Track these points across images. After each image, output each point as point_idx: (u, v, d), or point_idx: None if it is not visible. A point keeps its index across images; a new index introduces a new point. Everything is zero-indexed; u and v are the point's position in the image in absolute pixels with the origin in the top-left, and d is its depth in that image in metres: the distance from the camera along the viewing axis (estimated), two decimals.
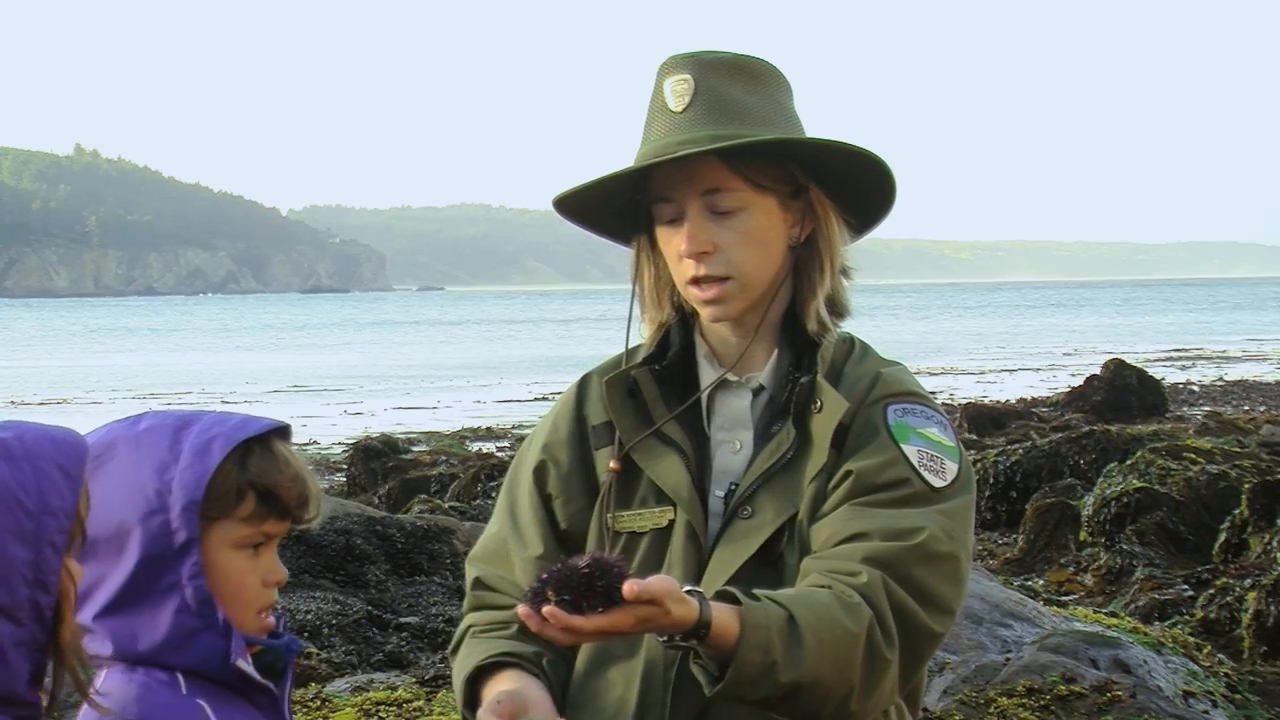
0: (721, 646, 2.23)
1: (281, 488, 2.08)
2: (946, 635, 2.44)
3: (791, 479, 2.47)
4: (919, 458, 2.44)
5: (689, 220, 2.49)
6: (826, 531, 2.40)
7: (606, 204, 2.58)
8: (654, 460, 2.52)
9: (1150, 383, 20.23)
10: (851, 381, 2.52)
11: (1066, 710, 5.54)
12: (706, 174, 2.48)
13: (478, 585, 2.62)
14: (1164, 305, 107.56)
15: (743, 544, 2.45)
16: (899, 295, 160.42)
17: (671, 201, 2.50)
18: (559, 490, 2.58)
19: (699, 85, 2.49)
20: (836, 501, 2.43)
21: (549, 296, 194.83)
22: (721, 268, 2.49)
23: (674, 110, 2.50)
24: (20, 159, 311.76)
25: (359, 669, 6.83)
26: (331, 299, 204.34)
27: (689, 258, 2.49)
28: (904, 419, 2.48)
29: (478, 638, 2.57)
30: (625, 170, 2.50)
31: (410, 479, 14.15)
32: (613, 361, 2.65)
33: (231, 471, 2.06)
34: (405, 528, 8.64)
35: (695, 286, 2.50)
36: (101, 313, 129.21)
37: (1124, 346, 45.83)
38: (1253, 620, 7.55)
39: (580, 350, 49.92)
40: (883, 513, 2.38)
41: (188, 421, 2.09)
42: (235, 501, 2.06)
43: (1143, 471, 10.06)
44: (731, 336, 2.56)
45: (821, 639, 2.26)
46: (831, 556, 2.37)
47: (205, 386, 35.75)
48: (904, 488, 2.42)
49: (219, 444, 2.05)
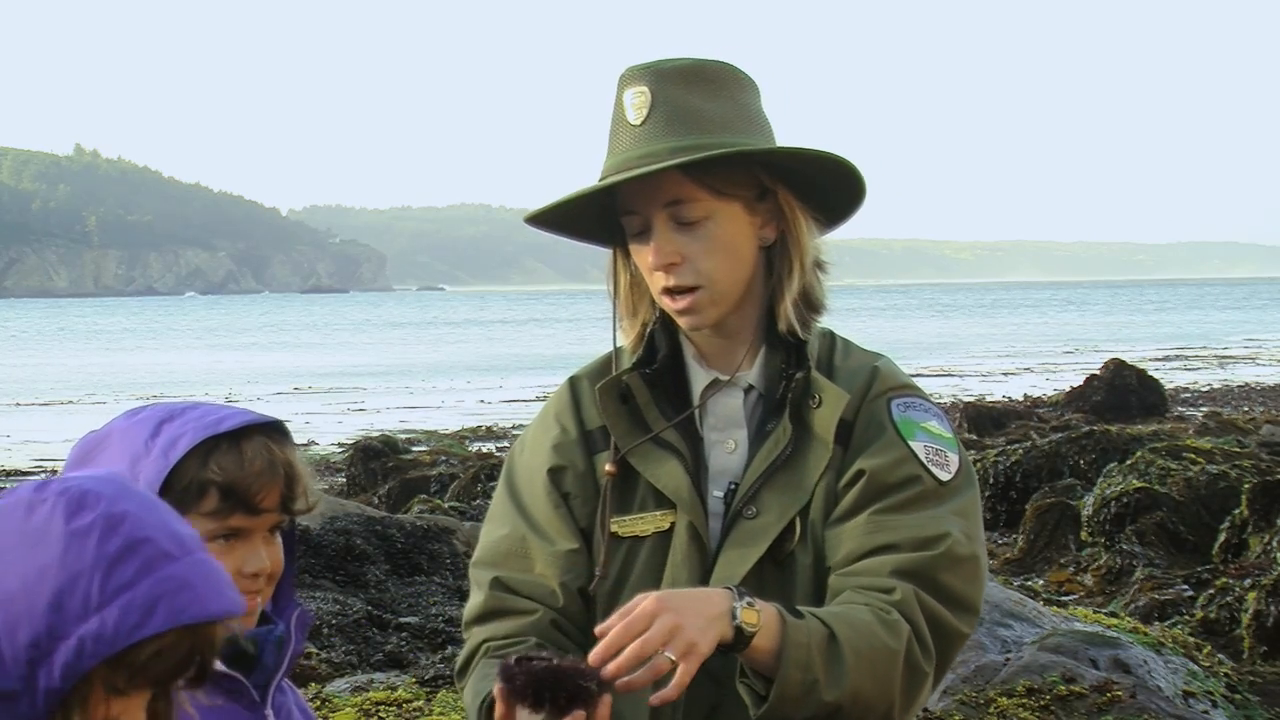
0: (769, 662, 2.26)
1: (244, 483, 2.08)
2: (972, 633, 2.48)
3: (793, 476, 2.47)
4: (925, 453, 2.46)
5: (655, 233, 2.49)
6: (851, 544, 2.41)
7: (581, 214, 2.58)
8: (652, 464, 2.51)
9: (1150, 383, 20.24)
10: (846, 375, 2.53)
11: (1066, 710, 5.54)
12: (669, 187, 2.47)
13: (497, 586, 2.55)
14: (1164, 305, 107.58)
15: (750, 545, 2.45)
16: (899, 295, 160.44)
17: (637, 214, 2.50)
18: (577, 489, 2.56)
19: (656, 96, 2.49)
20: (852, 504, 2.44)
21: (549, 296, 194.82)
22: (690, 277, 2.48)
23: (633, 124, 2.49)
24: (20, 159, 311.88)
25: (359, 669, 6.83)
26: (332, 299, 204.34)
27: (657, 270, 2.50)
28: (907, 414, 2.49)
29: (493, 658, 2.49)
30: (588, 189, 2.50)
31: (410, 479, 14.16)
32: (599, 363, 2.64)
33: (192, 468, 2.07)
34: (405, 528, 8.65)
35: (667, 297, 2.50)
36: (102, 313, 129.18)
37: (1124, 346, 45.84)
38: (1252, 620, 7.55)
39: (581, 350, 49.89)
40: (905, 520, 2.39)
41: (173, 415, 2.11)
42: (197, 497, 2.07)
43: (1143, 471, 10.06)
44: (716, 337, 2.55)
45: (862, 656, 2.29)
46: (862, 572, 2.39)
47: (206, 387, 35.76)
48: (915, 485, 2.43)
49: (185, 440, 2.07)
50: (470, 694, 2.50)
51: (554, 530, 2.55)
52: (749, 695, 2.30)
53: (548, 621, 2.51)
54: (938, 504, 2.43)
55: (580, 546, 2.53)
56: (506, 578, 2.55)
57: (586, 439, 2.58)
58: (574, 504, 2.56)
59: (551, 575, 2.52)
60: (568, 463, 2.57)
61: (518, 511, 2.59)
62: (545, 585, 2.52)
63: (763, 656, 2.25)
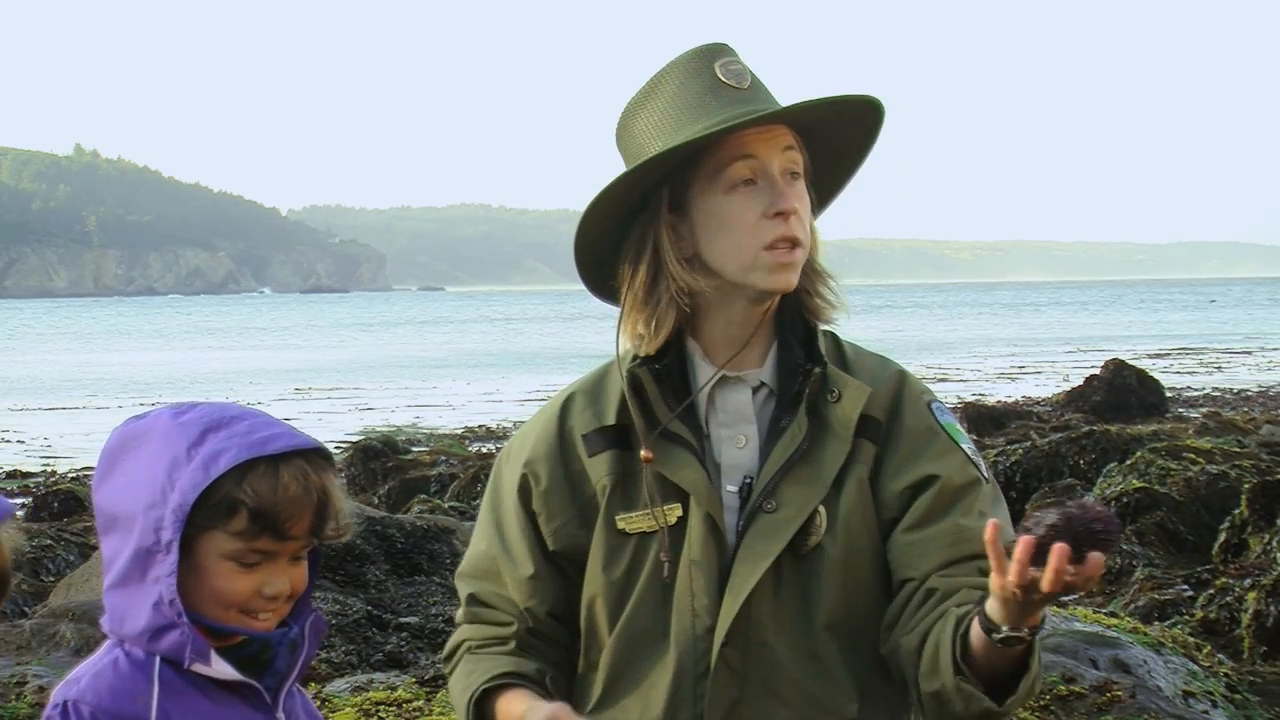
0: (1019, 657, 2.28)
1: (275, 510, 2.08)
2: None
3: (811, 470, 2.46)
4: (971, 453, 2.52)
5: (775, 180, 2.47)
6: (943, 553, 2.44)
7: (618, 211, 2.52)
8: (665, 457, 2.49)
9: (1150, 383, 20.23)
10: (867, 373, 2.53)
11: (1066, 710, 5.54)
12: (785, 136, 2.48)
13: (472, 602, 2.61)
14: (1164, 305, 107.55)
15: (772, 538, 2.44)
16: (899, 295, 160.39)
17: (755, 158, 2.46)
18: (541, 507, 2.56)
19: (744, 66, 2.51)
20: (929, 510, 2.46)
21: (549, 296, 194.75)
22: (799, 230, 2.47)
23: (737, 86, 2.47)
24: (20, 159, 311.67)
25: (359, 669, 6.84)
26: (332, 299, 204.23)
27: (777, 215, 2.45)
28: (946, 419, 2.54)
29: (476, 654, 2.56)
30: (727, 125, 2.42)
31: (410, 479, 14.17)
32: (594, 375, 2.61)
33: (226, 485, 2.07)
34: (405, 528, 8.64)
35: (780, 249, 2.46)
36: (103, 313, 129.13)
37: (1124, 346, 45.83)
38: (1252, 620, 7.55)
39: (582, 350, 49.88)
40: (981, 526, 2.39)
41: (219, 425, 2.11)
42: (226, 515, 2.08)
43: (1142, 471, 10.06)
44: (727, 332, 2.53)
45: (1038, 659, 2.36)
46: (962, 574, 2.42)
47: (206, 388, 35.75)
48: (977, 488, 2.48)
49: (229, 456, 2.07)
50: (458, 688, 2.55)
51: (519, 553, 2.56)
52: (969, 698, 2.30)
53: (524, 631, 2.55)
54: (992, 504, 2.49)
55: (540, 570, 2.54)
56: (480, 593, 2.60)
57: (569, 448, 2.56)
58: (540, 521, 2.55)
59: (519, 598, 2.55)
60: (533, 478, 2.56)
61: (494, 526, 2.60)
62: (516, 605, 2.56)
63: (1018, 656, 2.28)
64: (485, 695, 2.49)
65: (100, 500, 2.16)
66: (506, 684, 2.49)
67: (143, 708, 2.09)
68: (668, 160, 2.46)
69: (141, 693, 2.10)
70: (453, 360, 48.23)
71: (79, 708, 2.08)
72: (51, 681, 6.00)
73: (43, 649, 6.77)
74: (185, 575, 2.09)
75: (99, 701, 2.08)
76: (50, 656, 6.66)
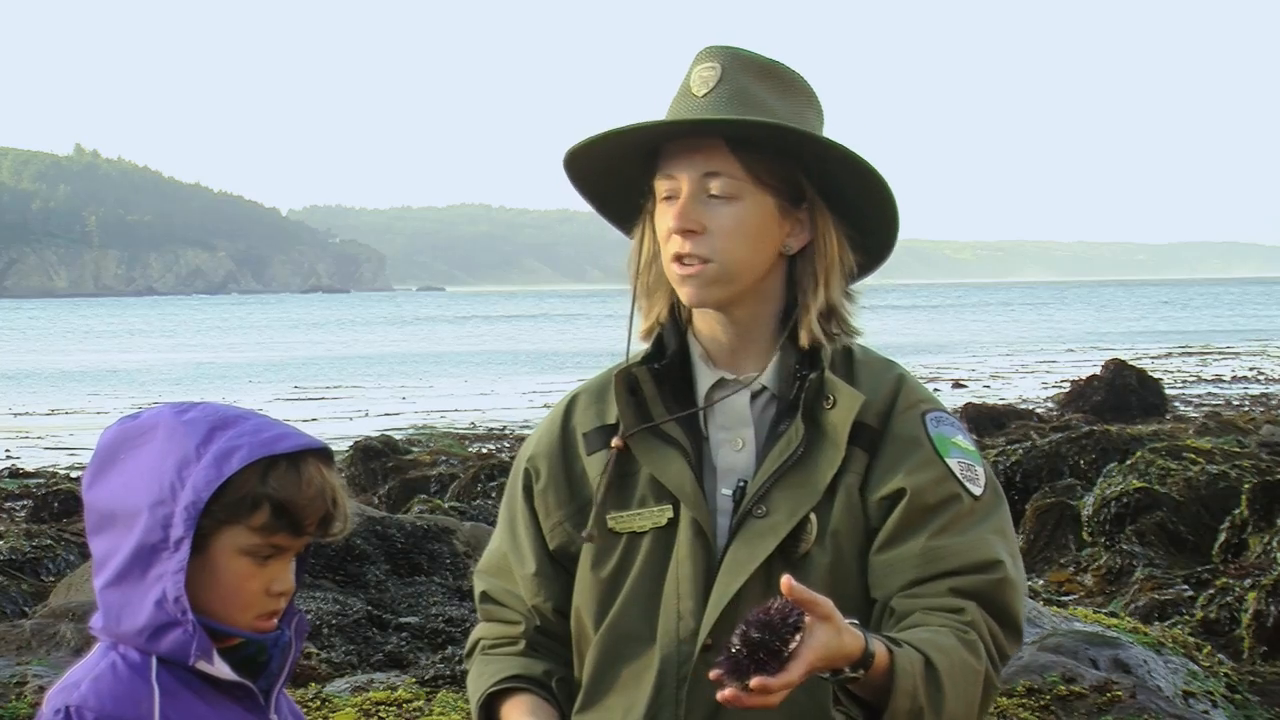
0: (878, 683, 2.26)
1: (297, 506, 2.12)
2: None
3: (804, 476, 2.45)
4: (960, 469, 2.46)
5: (683, 197, 2.48)
6: (910, 573, 2.41)
7: (616, 180, 2.58)
8: (654, 457, 2.50)
9: (1150, 383, 20.23)
10: (864, 379, 2.52)
11: (1066, 710, 5.53)
12: (712, 156, 2.47)
13: (485, 599, 2.64)
14: (1164, 305, 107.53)
15: (759, 543, 2.43)
16: (899, 295, 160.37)
17: (673, 178, 2.49)
18: (540, 504, 2.59)
19: (725, 75, 2.49)
20: (898, 528, 2.43)
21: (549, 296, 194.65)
22: (705, 249, 2.47)
23: (696, 94, 2.49)
24: (20, 159, 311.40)
25: (359, 669, 6.83)
26: (332, 299, 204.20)
27: (676, 234, 2.48)
28: (940, 429, 2.49)
29: (488, 655, 2.60)
30: (633, 126, 2.49)
31: (410, 479, 14.16)
32: (602, 375, 2.64)
33: (251, 481, 2.10)
34: (405, 528, 8.64)
35: (677, 264, 2.49)
36: (102, 313, 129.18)
37: (1124, 346, 45.82)
38: (1253, 620, 7.55)
39: (581, 349, 49.90)
40: (956, 544, 2.40)
41: (227, 423, 2.13)
42: (249, 510, 2.10)
43: (1143, 471, 10.05)
44: (723, 336, 2.54)
45: (955, 681, 2.32)
46: (927, 594, 2.40)
47: (207, 388, 35.75)
48: (955, 504, 2.43)
49: (241, 454, 2.09)
50: (472, 689, 2.58)
51: (525, 550, 2.59)
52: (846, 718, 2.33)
53: (533, 630, 2.58)
54: (978, 521, 2.44)
55: (542, 568, 2.57)
56: (492, 591, 2.63)
57: (570, 446, 2.58)
58: (539, 518, 2.59)
59: (527, 595, 2.58)
60: (534, 474, 2.60)
61: (508, 524, 2.64)
62: (524, 602, 2.58)
63: (878, 676, 2.26)
64: (493, 697, 2.52)
65: (95, 498, 2.16)
66: (513, 687, 2.51)
67: (145, 712, 2.09)
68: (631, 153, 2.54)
69: (143, 697, 2.10)
70: (453, 360, 48.22)
71: (82, 714, 2.08)
72: (52, 681, 6.00)
73: (43, 649, 6.77)
74: (194, 573, 2.10)
75: (102, 707, 2.08)
76: (50, 656, 6.66)
